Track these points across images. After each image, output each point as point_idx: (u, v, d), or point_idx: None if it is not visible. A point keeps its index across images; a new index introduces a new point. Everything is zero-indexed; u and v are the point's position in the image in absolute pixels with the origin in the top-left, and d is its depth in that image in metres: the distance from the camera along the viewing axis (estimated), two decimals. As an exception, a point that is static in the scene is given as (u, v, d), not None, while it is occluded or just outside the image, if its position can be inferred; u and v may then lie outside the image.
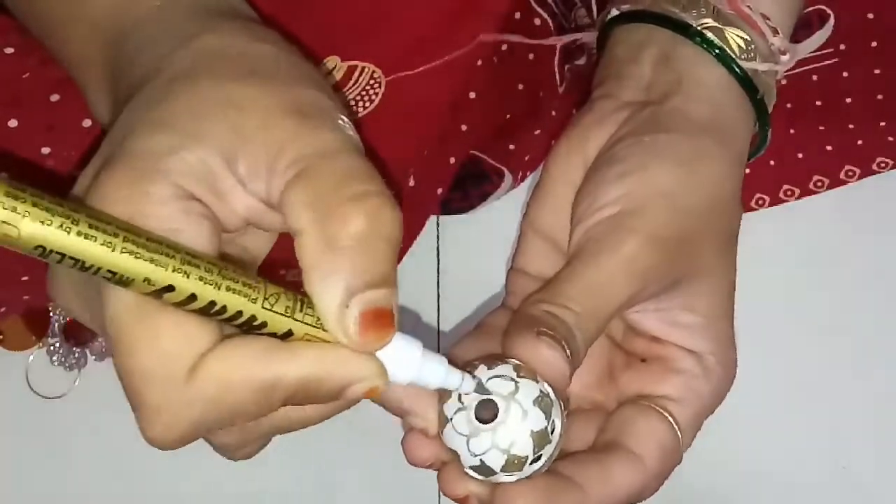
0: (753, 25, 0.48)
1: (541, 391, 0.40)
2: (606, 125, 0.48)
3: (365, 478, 0.61)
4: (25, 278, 0.52)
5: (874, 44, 0.63)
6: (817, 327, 0.63)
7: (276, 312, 0.34)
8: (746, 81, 0.48)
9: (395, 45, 0.48)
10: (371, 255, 0.34)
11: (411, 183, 0.53)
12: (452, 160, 0.56)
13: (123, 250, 0.32)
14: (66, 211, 0.31)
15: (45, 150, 0.46)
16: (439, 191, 0.57)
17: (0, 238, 0.30)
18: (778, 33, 0.49)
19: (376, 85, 0.48)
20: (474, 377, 0.40)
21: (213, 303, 0.33)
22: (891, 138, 0.64)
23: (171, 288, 0.32)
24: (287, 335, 0.35)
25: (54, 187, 0.32)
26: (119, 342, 0.33)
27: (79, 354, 0.61)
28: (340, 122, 0.37)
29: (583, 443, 0.46)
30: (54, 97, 0.46)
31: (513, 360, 0.41)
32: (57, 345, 0.61)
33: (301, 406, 0.36)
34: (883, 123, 0.64)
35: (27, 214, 0.30)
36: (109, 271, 0.32)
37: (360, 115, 0.48)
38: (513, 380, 0.40)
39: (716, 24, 0.48)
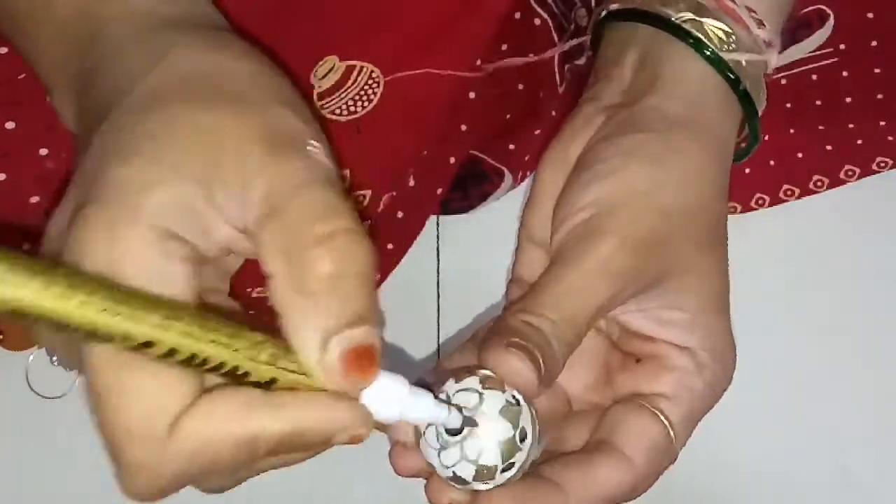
0: (737, 18, 0.48)
1: (507, 401, 0.40)
2: (586, 130, 0.48)
3: (365, 478, 0.61)
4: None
5: (874, 44, 0.63)
6: (817, 327, 0.63)
7: (260, 362, 0.34)
8: (725, 69, 0.48)
9: (394, 44, 0.48)
10: (343, 295, 0.34)
11: (411, 183, 0.53)
12: (452, 160, 0.56)
13: (102, 309, 0.31)
14: (46, 270, 0.30)
15: (44, 152, 0.46)
16: (439, 191, 0.57)
17: None
18: (764, 25, 0.49)
19: (375, 85, 0.48)
20: (460, 409, 0.40)
21: (194, 355, 0.33)
22: (891, 138, 0.64)
23: (150, 344, 0.32)
24: (271, 383, 0.34)
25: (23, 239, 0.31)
26: (98, 398, 0.33)
27: (79, 354, 0.61)
28: (310, 147, 0.36)
29: (580, 445, 0.46)
30: (52, 97, 0.46)
31: (481, 372, 0.41)
32: (57, 345, 0.61)
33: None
34: (883, 123, 0.64)
35: (2, 280, 0.29)
36: (87, 330, 0.31)
37: (358, 114, 0.48)
38: (477, 392, 0.40)
39: (695, 18, 0.48)
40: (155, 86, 0.36)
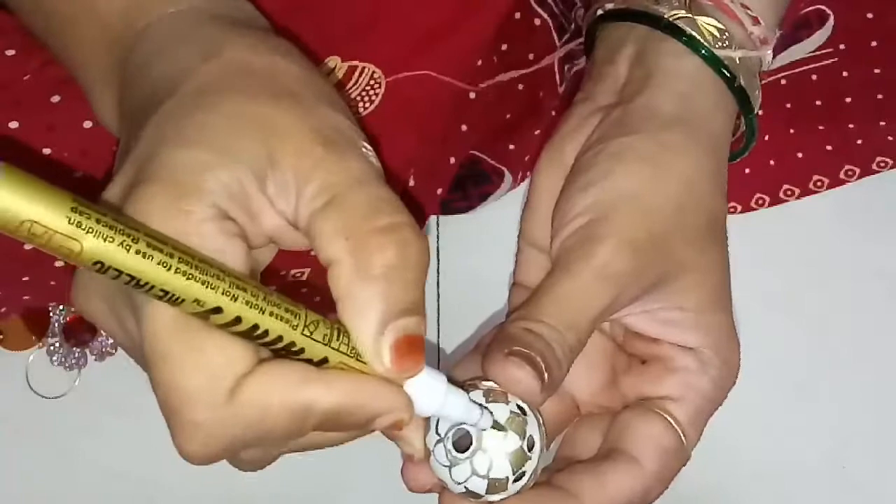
0: (731, 15, 0.48)
1: (511, 412, 0.41)
2: (581, 131, 0.48)
3: (365, 478, 0.61)
4: (26, 278, 0.52)
5: (874, 44, 0.63)
6: (817, 327, 0.63)
7: (315, 340, 0.35)
8: (718, 66, 0.48)
9: (395, 45, 0.48)
10: (402, 284, 0.35)
11: (411, 183, 0.53)
12: (452, 160, 0.56)
13: (178, 271, 0.32)
14: (128, 229, 0.31)
15: (46, 151, 0.46)
16: (439, 191, 0.57)
17: (63, 252, 0.30)
18: (759, 22, 0.49)
19: (376, 85, 0.48)
20: (491, 412, 0.40)
21: (255, 326, 0.34)
22: (890, 138, 0.64)
23: (218, 310, 0.33)
24: (322, 362, 0.35)
25: (62, 182, 0.32)
26: (160, 358, 0.34)
27: (79, 354, 0.61)
28: (364, 149, 0.37)
29: (590, 449, 0.46)
30: (55, 98, 0.46)
31: (485, 384, 0.41)
32: (57, 345, 0.61)
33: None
34: (883, 123, 0.64)
35: (91, 230, 0.30)
36: (162, 290, 0.32)
37: (360, 115, 0.48)
38: (482, 406, 0.40)
39: (688, 15, 0.48)
40: (212, 77, 0.37)
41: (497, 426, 0.40)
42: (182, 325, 0.33)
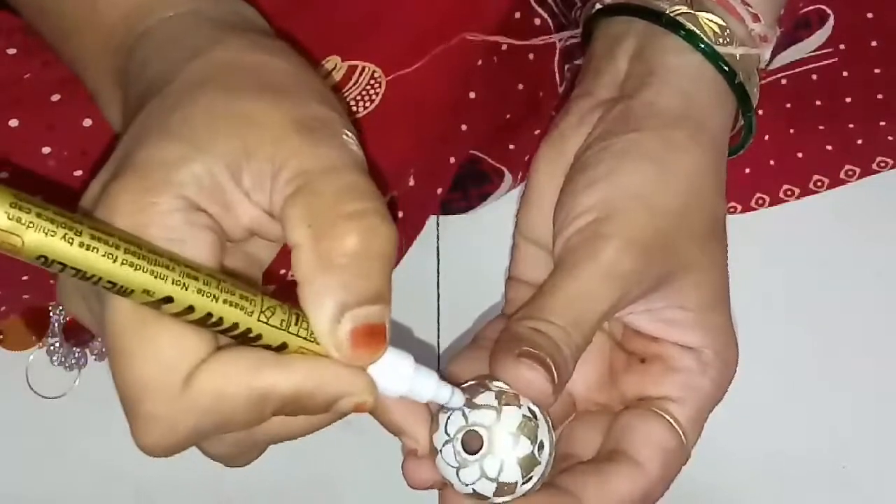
0: (732, 11, 0.48)
1: (524, 416, 0.41)
2: (582, 126, 0.48)
3: (365, 478, 0.61)
4: (25, 278, 0.52)
5: (874, 43, 0.63)
6: (817, 327, 0.63)
7: (272, 325, 0.35)
8: (720, 62, 0.48)
9: (395, 44, 0.48)
10: (364, 273, 0.35)
11: (411, 183, 0.53)
12: (452, 160, 0.56)
13: (124, 262, 0.32)
14: (69, 222, 0.31)
15: (46, 150, 0.46)
16: (439, 191, 0.57)
17: (5, 248, 0.31)
18: (759, 20, 0.49)
19: (377, 85, 0.48)
20: (464, 392, 0.40)
21: (209, 314, 0.34)
22: (891, 138, 0.64)
23: (169, 299, 0.33)
24: (281, 348, 0.35)
25: (56, 193, 0.32)
26: (117, 350, 0.34)
27: (79, 354, 0.61)
28: (344, 137, 0.37)
29: (589, 447, 0.46)
30: (55, 97, 0.46)
31: (496, 385, 0.41)
32: (57, 345, 0.61)
33: (292, 417, 0.36)
34: (883, 123, 0.64)
35: (31, 225, 0.31)
36: (110, 282, 0.32)
37: (360, 115, 0.48)
38: (495, 408, 0.40)
39: (689, 11, 0.48)
40: (196, 75, 0.37)
41: (472, 405, 0.40)
42: (138, 318, 0.33)
